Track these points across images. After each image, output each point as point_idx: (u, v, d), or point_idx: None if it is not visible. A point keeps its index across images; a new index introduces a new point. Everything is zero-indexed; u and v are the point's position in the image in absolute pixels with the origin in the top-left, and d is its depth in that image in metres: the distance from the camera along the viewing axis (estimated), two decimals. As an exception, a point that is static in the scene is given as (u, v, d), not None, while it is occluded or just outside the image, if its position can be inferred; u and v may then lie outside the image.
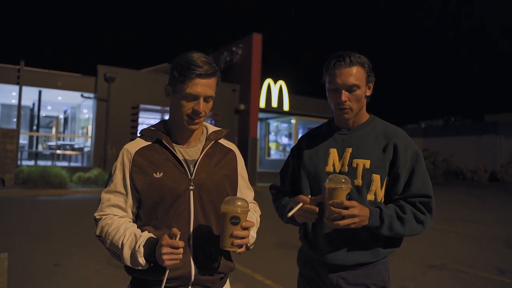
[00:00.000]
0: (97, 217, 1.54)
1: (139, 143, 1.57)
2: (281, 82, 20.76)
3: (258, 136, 19.32)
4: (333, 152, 1.79)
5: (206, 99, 1.50)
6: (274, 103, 20.41)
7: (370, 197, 1.69)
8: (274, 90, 20.44)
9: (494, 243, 7.41)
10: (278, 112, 21.08)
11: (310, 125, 24.99)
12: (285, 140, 25.00)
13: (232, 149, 1.72)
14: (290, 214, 1.64)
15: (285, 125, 24.65)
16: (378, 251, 1.70)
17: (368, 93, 1.78)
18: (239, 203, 1.39)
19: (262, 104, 19.67)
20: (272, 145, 24.19)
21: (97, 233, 1.52)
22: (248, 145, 18.06)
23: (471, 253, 6.55)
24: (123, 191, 1.52)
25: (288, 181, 1.96)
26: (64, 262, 5.18)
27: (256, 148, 18.65)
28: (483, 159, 29.52)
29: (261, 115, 20.46)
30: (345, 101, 1.70)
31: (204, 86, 1.47)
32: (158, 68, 20.19)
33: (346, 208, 1.51)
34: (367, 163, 1.69)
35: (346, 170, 1.72)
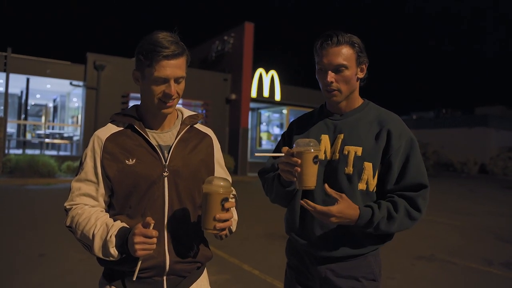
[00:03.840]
0: (67, 207, 1.46)
1: (110, 129, 1.49)
2: (272, 72, 20.61)
3: (249, 126, 19.23)
4: (325, 139, 1.70)
5: (176, 80, 1.41)
6: (266, 93, 20.29)
7: (362, 186, 1.61)
8: (266, 80, 20.31)
9: (482, 234, 7.44)
10: (270, 102, 20.96)
11: (302, 115, 24.86)
12: (276, 130, 24.91)
13: (209, 133, 1.65)
14: (259, 154, 1.55)
15: (276, 115, 24.54)
16: (369, 243, 1.63)
17: (361, 75, 1.68)
18: (223, 183, 1.30)
19: (254, 94, 19.54)
20: (264, 135, 24.09)
21: (68, 223, 1.44)
22: (239, 135, 17.97)
23: (460, 244, 6.56)
24: (94, 179, 1.44)
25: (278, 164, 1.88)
26: (49, 252, 5.10)
27: (247, 138, 18.56)
28: (473, 151, 29.73)
29: (252, 105, 20.35)
30: (331, 82, 1.61)
31: (173, 67, 1.38)
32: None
33: (330, 216, 1.46)
34: (359, 150, 1.61)
35: (337, 157, 1.64)
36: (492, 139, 30.50)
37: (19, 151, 15.89)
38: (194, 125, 1.61)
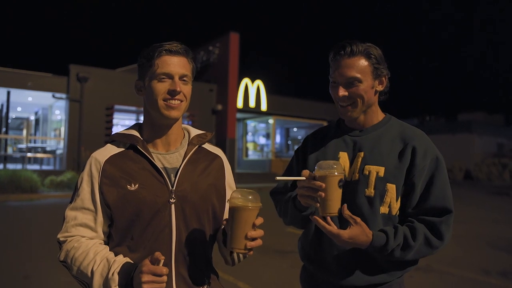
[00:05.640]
0: (61, 239, 1.29)
1: (109, 150, 1.33)
2: (258, 82, 20.59)
3: (235, 137, 19.11)
4: (343, 156, 1.55)
5: (181, 78, 1.30)
6: (252, 103, 20.23)
7: (384, 209, 1.46)
8: (252, 90, 20.26)
9: (476, 242, 7.39)
10: (256, 112, 20.91)
11: (288, 125, 24.90)
12: (262, 140, 24.87)
13: (219, 154, 1.49)
14: (280, 178, 1.41)
15: (263, 125, 24.51)
16: (392, 269, 1.48)
17: (380, 88, 1.54)
18: (252, 197, 1.16)
19: (240, 104, 19.46)
20: (250, 146, 24.00)
21: (61, 258, 1.27)
22: (226, 146, 17.83)
23: (455, 253, 6.48)
24: (91, 207, 1.28)
25: (293, 185, 1.71)
26: (34, 274, 4.85)
27: (234, 148, 18.45)
28: (457, 158, 30.03)
29: (238, 115, 20.27)
30: (343, 97, 1.48)
31: (176, 64, 1.29)
32: (133, 68, 19.73)
33: (339, 239, 1.34)
34: (381, 170, 1.46)
35: (357, 177, 1.49)
36: (476, 145, 30.88)
37: (0, 166, 15.47)
38: (203, 145, 1.46)
